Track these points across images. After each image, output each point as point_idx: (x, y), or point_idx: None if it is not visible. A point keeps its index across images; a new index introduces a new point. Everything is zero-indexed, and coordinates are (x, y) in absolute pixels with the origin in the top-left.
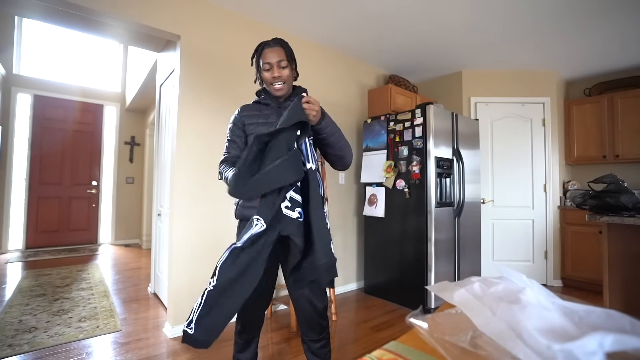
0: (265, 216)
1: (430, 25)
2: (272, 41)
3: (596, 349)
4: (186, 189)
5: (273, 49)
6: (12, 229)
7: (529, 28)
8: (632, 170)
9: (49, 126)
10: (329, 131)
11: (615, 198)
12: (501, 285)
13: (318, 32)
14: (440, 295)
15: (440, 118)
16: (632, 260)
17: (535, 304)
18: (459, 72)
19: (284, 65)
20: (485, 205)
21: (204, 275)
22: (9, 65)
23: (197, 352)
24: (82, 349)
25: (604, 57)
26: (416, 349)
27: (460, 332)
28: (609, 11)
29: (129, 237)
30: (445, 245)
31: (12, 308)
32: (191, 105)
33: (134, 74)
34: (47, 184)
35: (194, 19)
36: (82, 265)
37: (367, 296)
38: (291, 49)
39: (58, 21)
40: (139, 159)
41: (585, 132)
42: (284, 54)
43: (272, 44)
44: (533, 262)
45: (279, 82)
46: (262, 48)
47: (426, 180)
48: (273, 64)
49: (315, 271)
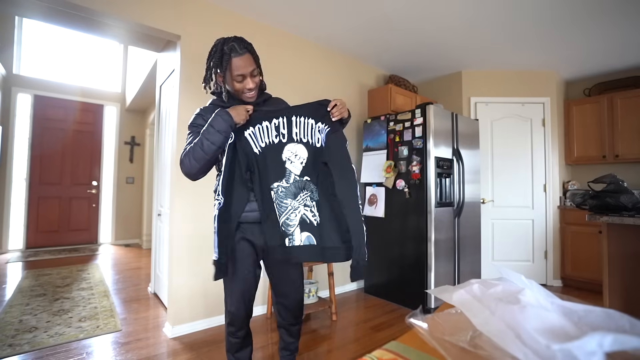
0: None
1: (431, 26)
2: (239, 47)
3: (596, 348)
4: (186, 189)
5: (243, 57)
6: (13, 229)
7: (529, 28)
8: (632, 170)
9: (49, 126)
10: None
11: (615, 198)
12: (500, 286)
13: (318, 32)
14: (439, 297)
15: (440, 118)
16: (632, 260)
17: (534, 304)
18: (459, 72)
19: (255, 73)
20: (485, 205)
21: (204, 275)
22: (9, 65)
23: (197, 352)
24: (82, 348)
25: (604, 57)
26: (416, 349)
27: (460, 332)
28: (609, 11)
29: (129, 237)
30: (445, 245)
31: (13, 308)
32: (191, 105)
33: (134, 74)
34: (48, 183)
35: (194, 19)
36: (82, 265)
37: (367, 296)
38: (255, 51)
39: (58, 21)
40: (139, 159)
41: (585, 132)
42: (253, 61)
43: (240, 51)
44: (533, 262)
45: (252, 92)
46: (230, 57)
47: (426, 180)
48: (246, 75)
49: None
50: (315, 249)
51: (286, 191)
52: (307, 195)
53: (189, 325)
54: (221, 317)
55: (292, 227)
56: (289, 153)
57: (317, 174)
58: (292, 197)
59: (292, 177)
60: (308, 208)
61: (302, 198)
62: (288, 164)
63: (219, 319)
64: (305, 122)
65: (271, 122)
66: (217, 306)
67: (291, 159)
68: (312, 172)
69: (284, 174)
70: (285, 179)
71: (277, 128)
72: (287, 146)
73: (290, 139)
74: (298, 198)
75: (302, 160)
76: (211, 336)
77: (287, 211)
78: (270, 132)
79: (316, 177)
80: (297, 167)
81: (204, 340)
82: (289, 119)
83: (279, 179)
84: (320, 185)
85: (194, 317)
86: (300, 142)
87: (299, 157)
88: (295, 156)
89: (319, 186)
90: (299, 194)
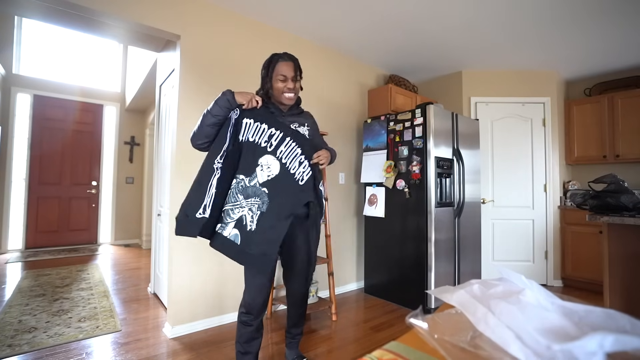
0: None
1: (431, 26)
2: (286, 56)
3: (596, 349)
4: (186, 189)
5: (288, 63)
6: (12, 229)
7: (529, 28)
8: (633, 170)
9: (49, 126)
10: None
11: (615, 198)
12: (500, 286)
13: (318, 32)
14: (439, 297)
15: (440, 118)
16: (633, 260)
17: (534, 304)
18: (459, 72)
19: (296, 79)
20: (485, 205)
21: (204, 275)
22: (8, 65)
23: (197, 352)
24: (81, 349)
25: (604, 57)
26: (416, 349)
27: (460, 332)
28: (609, 11)
29: (129, 237)
30: (445, 245)
31: (12, 308)
32: (191, 105)
33: (133, 74)
34: (47, 184)
35: (194, 19)
36: (81, 266)
37: (367, 296)
38: (300, 66)
39: (58, 21)
40: (139, 159)
41: (586, 132)
42: (296, 70)
43: (286, 58)
44: (533, 262)
45: (291, 92)
46: (277, 60)
47: (426, 180)
48: (288, 77)
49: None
50: (235, 248)
51: (243, 188)
52: (256, 202)
53: (189, 326)
54: (221, 318)
55: (229, 219)
56: (265, 161)
57: (277, 195)
58: (245, 196)
59: (254, 181)
60: (251, 213)
61: (251, 202)
62: (258, 169)
63: (219, 319)
64: (294, 148)
65: (269, 128)
66: (217, 306)
67: (263, 168)
68: (274, 188)
69: (250, 174)
70: (249, 179)
71: (270, 137)
72: (267, 155)
73: (273, 152)
74: (248, 200)
75: (270, 173)
76: (211, 336)
77: (234, 204)
78: (263, 135)
79: (275, 196)
80: (264, 176)
81: (204, 341)
82: (284, 137)
83: (245, 174)
84: (279, 206)
85: (194, 317)
86: (279, 160)
87: (270, 170)
88: (267, 167)
89: (275, 204)
90: (251, 197)
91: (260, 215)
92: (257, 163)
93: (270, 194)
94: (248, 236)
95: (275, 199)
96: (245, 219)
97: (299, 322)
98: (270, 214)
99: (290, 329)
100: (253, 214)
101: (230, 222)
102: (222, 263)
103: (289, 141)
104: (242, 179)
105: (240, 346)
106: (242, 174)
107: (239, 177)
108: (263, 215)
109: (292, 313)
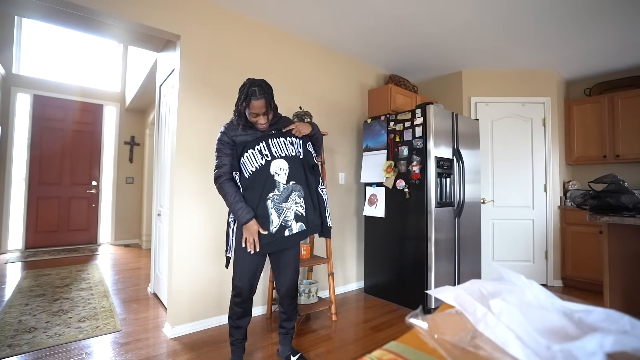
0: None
1: (431, 26)
2: (259, 92)
3: (596, 349)
4: (186, 189)
5: (259, 101)
6: (12, 229)
7: (529, 28)
8: (633, 170)
9: (49, 126)
10: (316, 133)
11: (615, 198)
12: (500, 286)
13: (318, 32)
14: (439, 297)
15: (441, 118)
16: (633, 260)
17: (534, 304)
18: (459, 72)
19: (267, 112)
20: (485, 205)
21: (204, 276)
22: (8, 65)
23: (197, 352)
24: (81, 349)
25: (605, 57)
26: (416, 349)
27: (460, 333)
28: (609, 11)
29: (129, 237)
30: (445, 245)
31: (12, 308)
32: (191, 105)
33: (133, 74)
34: (47, 184)
35: (194, 19)
36: (81, 266)
37: (367, 296)
38: (271, 93)
39: (58, 21)
40: (139, 159)
41: (586, 132)
42: (266, 104)
43: (258, 95)
44: (533, 262)
45: (263, 125)
46: (250, 98)
47: (426, 180)
48: (260, 114)
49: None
50: (305, 231)
51: (280, 197)
52: (295, 195)
53: (189, 326)
54: (221, 318)
55: (290, 221)
56: (276, 168)
57: (300, 176)
58: (285, 200)
59: (281, 186)
60: (298, 204)
61: (292, 198)
62: (276, 177)
63: (219, 319)
64: (279, 141)
65: (255, 147)
66: (217, 306)
67: (278, 172)
68: (296, 175)
69: (274, 186)
70: (277, 188)
71: (260, 152)
72: (273, 162)
73: (273, 156)
74: (289, 200)
75: (285, 171)
76: (211, 336)
77: (284, 211)
78: (256, 157)
79: (300, 178)
80: (283, 177)
81: (204, 341)
82: (268, 143)
83: (272, 190)
84: (304, 183)
85: (194, 317)
86: (281, 157)
87: (283, 170)
88: (280, 169)
89: (302, 184)
90: (290, 196)
91: (303, 198)
92: (272, 174)
93: (298, 181)
94: (306, 218)
95: (304, 179)
96: (298, 212)
97: (291, 316)
98: (305, 195)
99: (283, 322)
100: (300, 203)
101: (292, 222)
102: (222, 263)
103: (273, 141)
104: (272, 195)
105: (233, 322)
106: (269, 192)
107: (269, 196)
108: (304, 196)
109: (283, 306)
